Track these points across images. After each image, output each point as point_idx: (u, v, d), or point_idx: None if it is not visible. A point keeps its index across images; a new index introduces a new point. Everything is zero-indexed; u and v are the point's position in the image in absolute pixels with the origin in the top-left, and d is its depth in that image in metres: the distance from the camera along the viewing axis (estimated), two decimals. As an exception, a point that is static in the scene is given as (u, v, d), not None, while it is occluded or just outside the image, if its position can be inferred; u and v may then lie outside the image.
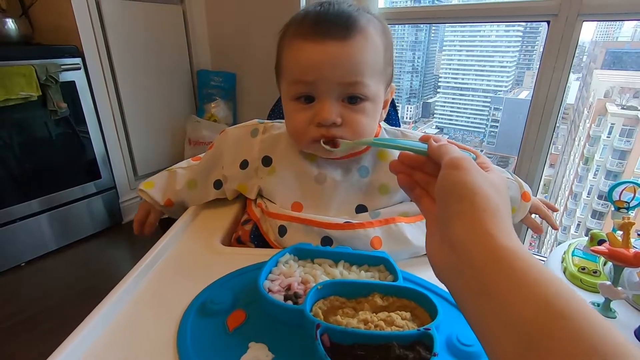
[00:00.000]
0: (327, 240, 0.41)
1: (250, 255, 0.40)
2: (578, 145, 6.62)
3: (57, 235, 1.50)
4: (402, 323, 0.28)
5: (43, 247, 1.46)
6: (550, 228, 0.59)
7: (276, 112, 0.65)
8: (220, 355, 0.28)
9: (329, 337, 0.27)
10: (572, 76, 1.08)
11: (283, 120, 0.47)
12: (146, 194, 0.52)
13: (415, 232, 0.42)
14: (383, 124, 0.51)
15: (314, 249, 0.37)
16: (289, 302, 0.31)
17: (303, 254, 0.37)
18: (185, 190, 0.51)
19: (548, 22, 1.10)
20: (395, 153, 0.46)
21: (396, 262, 0.36)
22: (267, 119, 0.56)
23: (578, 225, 6.13)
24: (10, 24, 1.30)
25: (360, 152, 0.46)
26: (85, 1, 1.40)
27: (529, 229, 0.64)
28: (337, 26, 0.39)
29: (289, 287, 0.33)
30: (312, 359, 0.26)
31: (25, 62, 1.26)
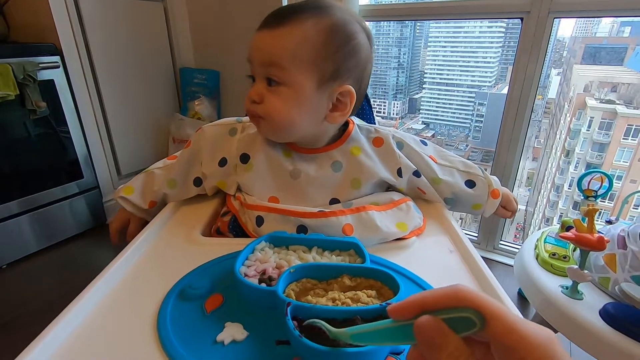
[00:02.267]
0: (302, 229, 0.43)
1: (228, 245, 0.42)
2: (559, 138, 6.80)
3: (39, 236, 1.48)
4: (367, 300, 0.30)
5: (24, 249, 1.44)
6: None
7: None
8: (197, 335, 0.30)
9: (298, 317, 0.29)
10: (554, 71, 1.12)
11: None
12: (127, 201, 0.53)
13: (384, 220, 0.45)
14: (356, 120, 0.53)
15: (289, 236, 0.39)
16: (263, 285, 0.33)
17: (278, 242, 0.39)
18: (166, 190, 0.52)
19: (522, 19, 1.13)
20: (369, 151, 0.48)
21: (366, 247, 0.39)
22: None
23: (560, 216, 6.31)
24: (-15, 22, 1.27)
25: (333, 147, 0.48)
26: (62, -1, 1.38)
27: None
28: (274, 17, 0.44)
29: (264, 272, 0.35)
30: (283, 335, 0.28)
31: (1, 61, 1.24)
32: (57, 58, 1.39)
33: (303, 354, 0.27)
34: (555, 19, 1.10)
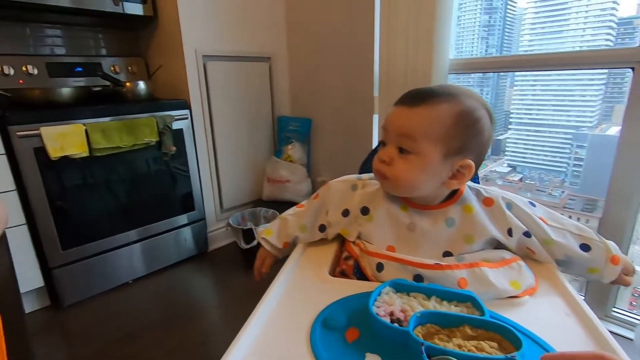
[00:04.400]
0: (418, 278, 0.48)
1: (353, 286, 0.49)
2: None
3: (148, 262, 1.70)
4: (490, 350, 0.34)
5: (133, 273, 1.66)
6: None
7: (367, 165, 0.75)
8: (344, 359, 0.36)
9: (430, 356, 0.34)
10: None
11: (375, 178, 0.57)
12: (267, 242, 0.65)
13: (497, 277, 0.47)
14: (468, 183, 0.58)
15: (410, 284, 0.45)
16: (396, 325, 0.39)
17: (400, 288, 0.45)
18: (298, 233, 0.63)
19: (633, 69, 1.08)
20: (480, 210, 0.53)
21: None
22: (360, 172, 0.67)
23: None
24: (142, 85, 1.64)
25: (446, 205, 0.54)
26: (195, 64, 1.71)
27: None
28: (412, 98, 0.52)
29: (392, 313, 0.41)
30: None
31: (149, 115, 1.56)
32: (186, 111, 1.70)
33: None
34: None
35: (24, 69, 1.61)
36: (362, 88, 1.75)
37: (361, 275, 0.53)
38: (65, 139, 1.33)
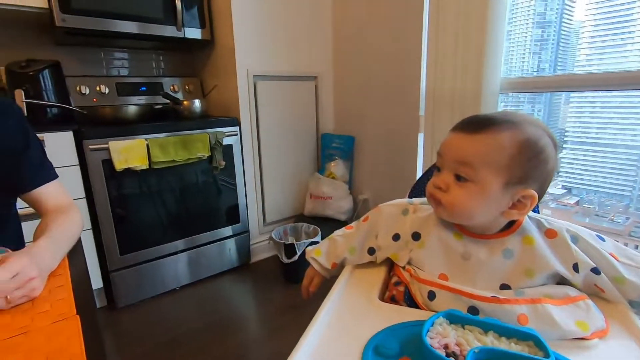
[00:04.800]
0: (473, 310, 0.46)
1: (404, 313, 0.48)
2: None
3: (194, 270, 1.78)
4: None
5: (180, 280, 1.74)
6: None
7: (417, 188, 0.74)
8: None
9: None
10: None
11: (427, 203, 0.56)
12: (316, 261, 0.66)
13: (562, 315, 0.44)
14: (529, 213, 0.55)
15: (465, 316, 0.43)
16: (452, 359, 0.38)
17: (455, 319, 0.43)
18: (347, 255, 0.63)
19: None
20: (542, 242, 0.50)
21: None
22: (410, 195, 0.66)
23: None
24: (197, 103, 1.75)
25: (504, 235, 0.52)
26: (246, 83, 1.80)
27: None
28: (471, 125, 0.51)
29: (446, 346, 0.39)
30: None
31: (202, 131, 1.66)
32: (236, 128, 1.79)
33: None
34: None
35: (97, 88, 1.79)
36: (407, 107, 1.74)
37: (412, 302, 0.52)
38: (129, 153, 1.45)
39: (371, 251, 0.61)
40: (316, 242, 1.68)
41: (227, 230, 1.87)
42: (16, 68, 1.47)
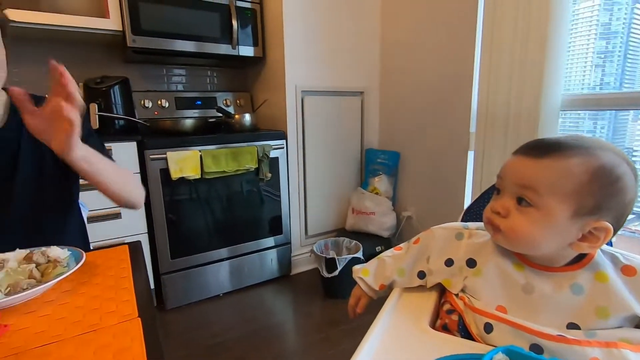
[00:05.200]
0: (536, 348, 0.43)
1: (457, 344, 0.46)
2: None
3: (236, 278, 1.83)
4: None
5: (223, 287, 1.80)
6: None
7: (472, 212, 0.71)
8: None
9: None
10: None
11: (483, 228, 0.53)
12: (363, 282, 0.65)
13: None
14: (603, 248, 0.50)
15: (528, 354, 0.40)
16: (514, 402, 0.35)
17: (516, 356, 0.40)
18: (396, 277, 0.61)
19: None
20: (618, 280, 0.45)
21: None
22: (463, 218, 0.63)
23: None
24: (247, 117, 1.83)
25: (573, 269, 0.47)
26: (294, 98, 1.85)
27: None
28: (536, 149, 0.47)
29: (507, 386, 0.37)
30: None
31: (251, 144, 1.73)
32: (283, 142, 1.84)
33: None
34: None
35: (159, 102, 1.94)
36: (456, 123, 1.69)
37: (466, 333, 0.49)
38: (184, 163, 1.54)
39: (421, 275, 0.59)
40: (357, 258, 1.69)
41: (270, 241, 1.91)
42: (92, 84, 1.64)
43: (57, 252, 0.60)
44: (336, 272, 1.65)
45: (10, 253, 0.59)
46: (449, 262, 0.55)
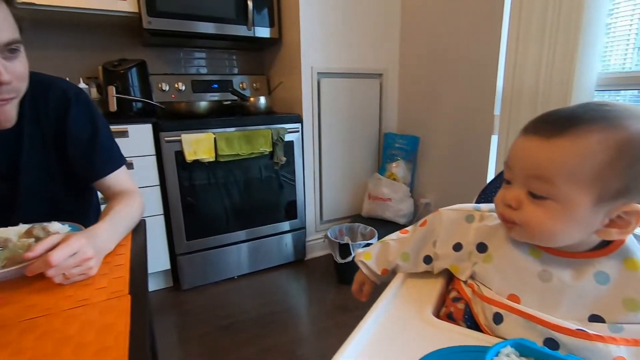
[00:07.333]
0: (551, 343, 0.38)
1: (462, 335, 0.42)
2: None
3: (252, 261, 1.84)
4: None
5: (239, 270, 1.82)
6: None
7: (487, 193, 0.66)
8: None
9: None
10: None
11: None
12: (365, 266, 0.61)
13: None
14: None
15: (541, 349, 0.36)
16: (519, 401, 0.31)
17: (526, 351, 0.36)
18: (399, 262, 0.57)
19: None
20: None
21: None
22: (477, 200, 0.58)
23: None
24: (262, 100, 1.80)
25: (597, 255, 0.42)
26: (310, 80, 1.81)
27: None
28: (548, 124, 0.41)
29: (513, 384, 0.33)
30: None
31: (266, 127, 1.70)
32: (298, 125, 1.80)
33: None
34: None
35: (176, 85, 1.94)
36: (479, 105, 1.59)
37: (473, 323, 0.45)
38: (198, 145, 1.54)
39: (427, 260, 0.54)
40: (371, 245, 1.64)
41: (285, 225, 1.90)
42: (110, 66, 1.65)
43: (57, 226, 0.60)
44: (350, 258, 1.62)
45: (13, 228, 0.59)
46: (458, 247, 0.51)
